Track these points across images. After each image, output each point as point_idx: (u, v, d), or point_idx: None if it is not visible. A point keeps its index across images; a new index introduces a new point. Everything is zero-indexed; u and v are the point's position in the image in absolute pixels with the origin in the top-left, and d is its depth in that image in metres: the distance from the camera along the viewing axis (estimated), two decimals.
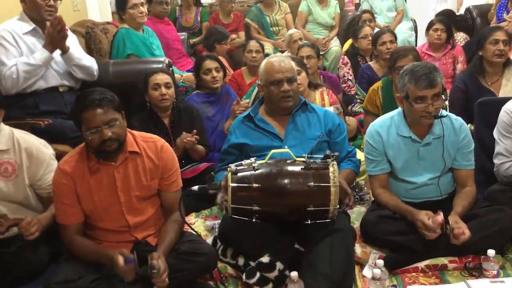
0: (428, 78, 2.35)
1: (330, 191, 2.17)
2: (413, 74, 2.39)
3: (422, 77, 2.35)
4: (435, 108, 2.37)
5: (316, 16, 5.86)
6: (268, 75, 2.62)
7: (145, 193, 2.22)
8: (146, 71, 3.27)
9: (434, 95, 2.36)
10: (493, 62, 3.34)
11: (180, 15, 5.77)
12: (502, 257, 2.40)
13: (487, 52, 3.34)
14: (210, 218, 2.91)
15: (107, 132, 2.06)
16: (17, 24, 3.03)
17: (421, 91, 2.36)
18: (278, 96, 2.60)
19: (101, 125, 2.05)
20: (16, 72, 2.91)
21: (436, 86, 2.36)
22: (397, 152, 2.51)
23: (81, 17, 4.67)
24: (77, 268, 2.04)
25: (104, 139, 2.06)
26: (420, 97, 2.37)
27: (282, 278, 2.25)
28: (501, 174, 2.60)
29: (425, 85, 2.34)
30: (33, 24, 3.04)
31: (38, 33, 3.06)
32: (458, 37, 5.04)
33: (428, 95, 2.36)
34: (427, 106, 2.36)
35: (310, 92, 3.53)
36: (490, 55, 3.33)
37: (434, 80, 2.35)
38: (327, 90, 3.58)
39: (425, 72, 2.36)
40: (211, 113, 3.58)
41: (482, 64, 3.40)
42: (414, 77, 2.37)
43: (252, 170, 2.22)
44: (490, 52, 3.32)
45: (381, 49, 4.14)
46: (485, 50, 3.35)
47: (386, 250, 2.44)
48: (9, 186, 2.30)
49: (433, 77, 2.35)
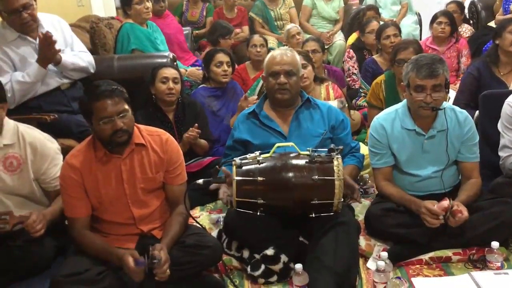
0: (429, 68, 2.35)
1: (335, 185, 2.17)
2: (417, 63, 2.40)
3: (423, 66, 2.36)
4: (434, 100, 2.38)
5: (320, 10, 5.85)
6: (268, 66, 2.65)
7: (150, 185, 2.23)
8: (151, 65, 3.27)
9: (434, 86, 2.36)
10: (509, 52, 3.34)
11: (186, 10, 5.78)
12: (506, 249, 2.40)
13: (504, 41, 3.33)
14: (215, 212, 2.92)
15: (119, 122, 2.08)
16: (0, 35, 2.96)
17: (421, 80, 2.36)
18: (274, 88, 2.61)
19: (114, 115, 2.07)
20: (11, 90, 2.88)
21: (437, 77, 2.36)
22: (401, 145, 2.52)
23: (86, 12, 4.69)
24: (84, 261, 2.06)
25: (116, 129, 2.07)
26: (419, 86, 2.38)
27: (286, 271, 2.27)
28: (507, 167, 2.60)
29: (425, 74, 2.35)
30: (16, 33, 2.97)
31: (25, 40, 2.99)
32: (463, 28, 5.02)
33: (428, 85, 2.36)
34: (426, 97, 2.37)
35: (316, 86, 3.53)
36: (507, 44, 3.31)
37: (436, 70, 2.35)
38: (332, 85, 3.58)
39: (427, 62, 2.37)
40: (216, 108, 3.58)
41: (497, 53, 3.40)
42: (417, 66, 2.38)
43: (256, 164, 2.23)
44: (508, 41, 3.31)
45: (385, 42, 4.13)
46: (503, 39, 3.33)
47: (390, 243, 2.45)
48: (14, 180, 2.31)
49: (435, 67, 2.35)
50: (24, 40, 2.99)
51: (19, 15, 2.88)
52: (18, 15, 2.88)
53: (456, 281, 2.21)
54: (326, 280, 2.07)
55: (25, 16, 2.90)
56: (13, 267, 2.22)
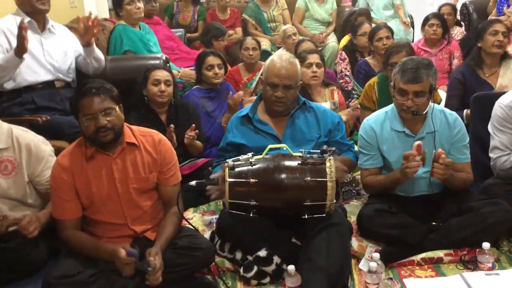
0: (413, 73, 2.36)
1: (327, 186, 2.18)
2: (403, 66, 2.41)
3: (408, 71, 2.37)
4: (415, 105, 2.39)
5: (313, 12, 5.86)
6: (267, 74, 2.61)
7: (143, 185, 2.23)
8: (143, 67, 3.27)
9: (416, 92, 2.37)
10: (492, 53, 3.38)
11: (177, 12, 5.76)
12: (497, 250, 2.42)
13: (486, 43, 3.37)
14: (208, 213, 2.92)
15: (102, 119, 2.08)
16: (11, 20, 3.03)
17: (404, 84, 2.38)
18: (270, 99, 2.60)
19: (97, 113, 2.08)
20: None
21: (420, 83, 2.36)
22: (391, 147, 2.53)
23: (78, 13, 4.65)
24: (76, 263, 2.06)
25: (98, 126, 2.08)
26: (401, 90, 2.40)
27: (279, 272, 2.28)
28: (498, 168, 2.62)
29: (408, 78, 2.36)
30: (27, 18, 3.04)
31: (34, 27, 3.07)
32: (455, 31, 5.05)
33: (410, 90, 2.38)
34: (407, 101, 2.39)
35: (321, 89, 3.55)
36: (489, 45, 3.35)
37: (419, 76, 2.36)
38: (337, 90, 3.62)
39: (413, 67, 2.38)
40: (210, 109, 3.59)
41: (481, 56, 3.44)
42: (402, 69, 2.40)
43: (249, 165, 2.24)
44: (490, 42, 3.35)
45: (378, 45, 4.15)
46: (484, 41, 3.38)
47: (383, 244, 2.45)
48: (9, 184, 2.30)
49: (419, 73, 2.36)
50: (33, 27, 3.06)
51: None
52: None
53: (448, 282, 2.22)
54: (319, 280, 2.08)
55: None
56: (6, 269, 2.20)
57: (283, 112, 2.64)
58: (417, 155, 2.27)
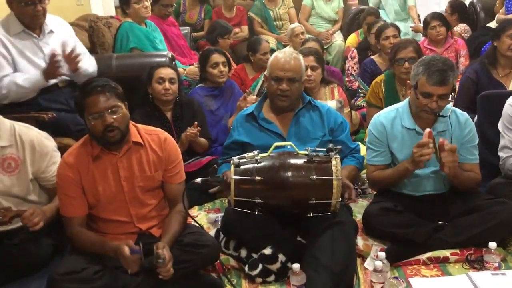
0: (441, 75, 2.30)
1: (333, 184, 2.18)
2: (428, 67, 2.34)
3: (435, 73, 2.31)
4: (438, 106, 2.36)
5: (319, 10, 5.85)
6: (271, 69, 2.62)
7: (149, 184, 2.23)
8: (149, 64, 3.27)
9: (442, 94, 2.34)
10: (506, 56, 3.34)
11: (184, 11, 5.75)
12: (504, 249, 2.41)
13: (502, 45, 3.33)
14: (213, 211, 2.92)
15: (109, 117, 2.08)
16: (4, 27, 2.97)
17: (431, 86, 2.32)
18: (275, 93, 2.60)
19: (103, 111, 2.07)
20: (7, 88, 2.88)
21: (446, 86, 2.33)
22: (400, 144, 2.51)
23: (85, 11, 4.69)
24: (81, 260, 2.06)
25: (106, 124, 2.07)
26: (427, 93, 2.35)
27: (284, 270, 2.27)
28: (507, 168, 2.60)
29: (436, 81, 2.31)
30: (22, 27, 2.97)
31: (28, 34, 3.00)
32: (458, 27, 5.01)
33: (436, 92, 2.33)
34: (432, 103, 2.35)
35: (321, 88, 3.54)
36: (504, 48, 3.32)
37: (446, 79, 2.31)
38: (338, 87, 3.59)
39: (440, 69, 2.31)
40: (214, 107, 3.58)
41: (496, 55, 3.39)
42: (428, 71, 2.33)
43: (254, 163, 2.23)
44: (505, 45, 3.31)
45: (384, 43, 4.13)
46: (501, 42, 3.33)
47: (388, 243, 2.44)
48: (12, 181, 2.30)
49: (447, 76, 2.31)
50: (27, 35, 3.00)
51: (34, 6, 2.91)
52: (32, 7, 2.91)
53: (454, 281, 2.21)
54: (324, 279, 2.08)
55: (39, 9, 2.94)
56: (10, 265, 2.21)
57: (287, 107, 2.64)
58: (430, 143, 2.25)
